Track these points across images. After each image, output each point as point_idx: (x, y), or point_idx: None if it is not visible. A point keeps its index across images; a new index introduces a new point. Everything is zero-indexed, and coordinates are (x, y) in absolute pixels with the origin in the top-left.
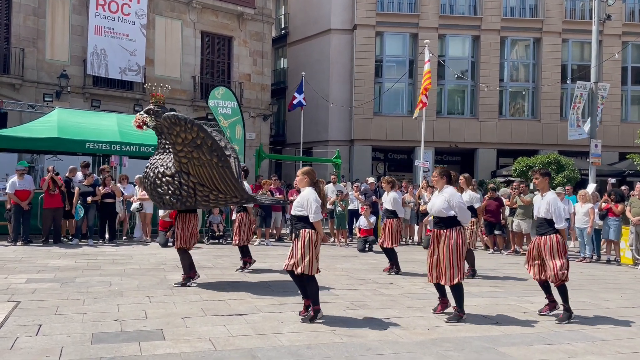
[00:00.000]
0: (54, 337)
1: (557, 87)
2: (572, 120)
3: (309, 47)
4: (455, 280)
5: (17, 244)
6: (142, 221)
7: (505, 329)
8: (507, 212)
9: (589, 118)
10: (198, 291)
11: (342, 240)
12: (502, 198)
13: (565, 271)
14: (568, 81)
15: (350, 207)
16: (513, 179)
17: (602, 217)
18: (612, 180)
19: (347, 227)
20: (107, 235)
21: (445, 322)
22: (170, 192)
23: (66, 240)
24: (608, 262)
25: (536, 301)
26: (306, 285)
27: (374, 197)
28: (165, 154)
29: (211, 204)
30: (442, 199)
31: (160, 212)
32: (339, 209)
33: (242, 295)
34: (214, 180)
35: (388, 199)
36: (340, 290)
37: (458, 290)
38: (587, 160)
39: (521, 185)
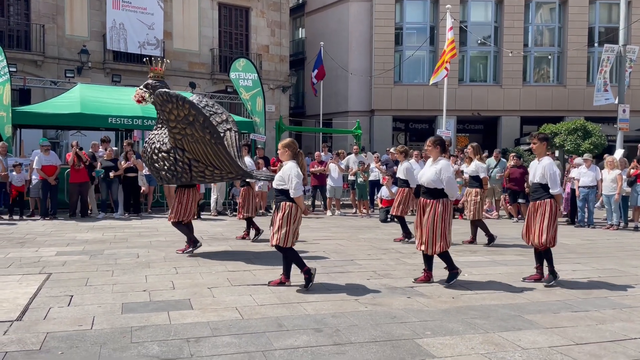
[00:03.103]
0: (85, 307)
1: (583, 51)
2: (598, 85)
3: (327, 16)
4: (438, 251)
5: (46, 218)
6: (166, 194)
7: (531, 296)
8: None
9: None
10: (223, 262)
11: (364, 211)
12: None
13: (552, 237)
14: (595, 45)
15: (372, 177)
16: None
17: (631, 183)
18: None
19: (368, 198)
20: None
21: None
22: (166, 167)
23: (93, 214)
24: (636, 229)
25: (563, 269)
26: (282, 257)
27: (395, 168)
28: (163, 128)
29: (207, 179)
30: (433, 171)
31: None
32: (360, 179)
33: (267, 266)
34: (209, 157)
35: (401, 169)
36: (363, 260)
37: (444, 256)
38: (615, 126)
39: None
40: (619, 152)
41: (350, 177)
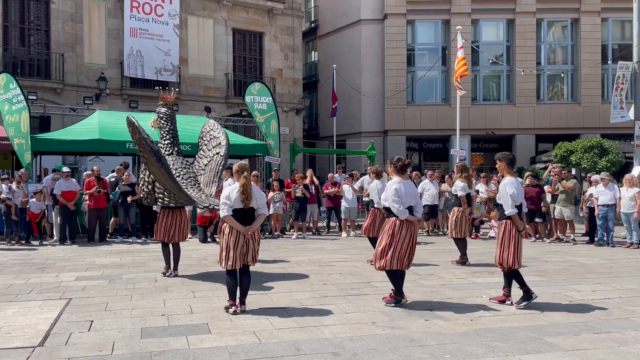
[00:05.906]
0: (105, 332)
1: (597, 69)
2: (615, 103)
3: (340, 39)
4: (378, 265)
5: (66, 243)
6: None
7: (551, 318)
8: (548, 198)
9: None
10: None
11: None
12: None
13: (512, 258)
14: (609, 62)
15: None
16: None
17: None
18: None
19: None
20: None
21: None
22: (142, 188)
23: (111, 239)
24: None
25: (582, 289)
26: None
27: None
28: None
29: (165, 201)
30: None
31: (199, 209)
32: None
33: (283, 289)
34: (162, 179)
35: (377, 189)
36: (379, 282)
37: (390, 276)
38: (632, 142)
39: (563, 171)
40: (637, 169)
41: (365, 199)
